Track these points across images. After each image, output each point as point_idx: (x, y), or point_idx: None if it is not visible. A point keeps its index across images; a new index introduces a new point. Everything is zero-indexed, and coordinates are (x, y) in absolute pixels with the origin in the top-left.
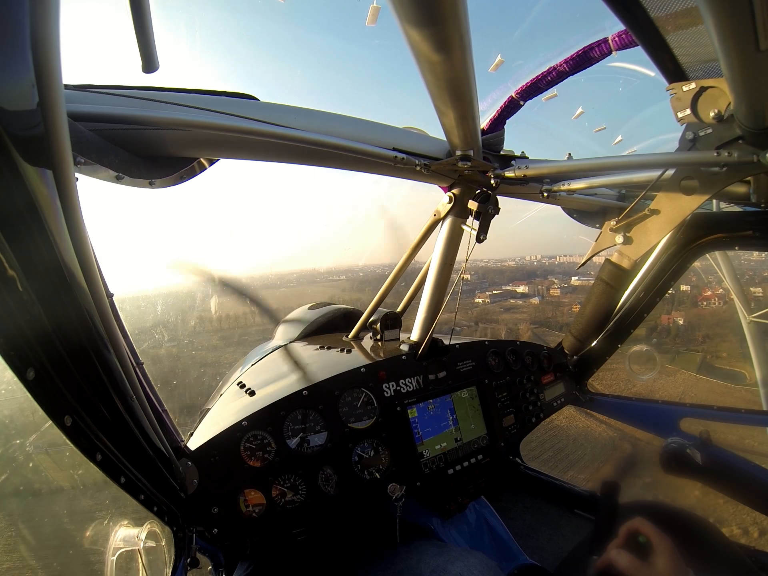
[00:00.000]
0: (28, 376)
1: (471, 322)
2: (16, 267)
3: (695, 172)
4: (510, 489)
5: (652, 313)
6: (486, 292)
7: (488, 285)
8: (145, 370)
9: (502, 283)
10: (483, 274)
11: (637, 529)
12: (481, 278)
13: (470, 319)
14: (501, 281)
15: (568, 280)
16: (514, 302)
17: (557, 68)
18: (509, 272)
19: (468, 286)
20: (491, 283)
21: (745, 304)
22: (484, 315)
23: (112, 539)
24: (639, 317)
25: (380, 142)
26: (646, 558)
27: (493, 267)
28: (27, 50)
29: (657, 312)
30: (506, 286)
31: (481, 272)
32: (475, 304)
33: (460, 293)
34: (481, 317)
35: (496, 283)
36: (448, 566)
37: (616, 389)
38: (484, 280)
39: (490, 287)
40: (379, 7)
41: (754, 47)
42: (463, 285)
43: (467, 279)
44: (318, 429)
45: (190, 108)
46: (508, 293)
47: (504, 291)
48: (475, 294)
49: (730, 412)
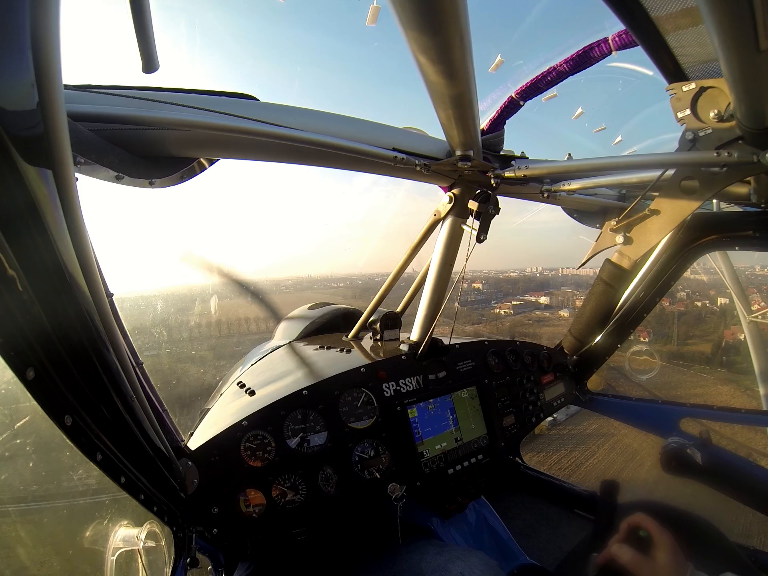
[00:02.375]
0: (28, 376)
1: (506, 337)
2: (16, 267)
3: (695, 173)
4: (510, 489)
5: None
6: (505, 303)
7: (503, 295)
8: (145, 370)
9: (517, 293)
10: (494, 284)
11: (638, 524)
12: (493, 288)
13: (502, 332)
14: (515, 291)
15: (586, 291)
16: (541, 314)
17: (557, 68)
18: (522, 282)
19: (482, 296)
20: (506, 293)
21: (745, 304)
22: (517, 328)
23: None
24: (639, 317)
25: (380, 142)
26: (647, 552)
27: (504, 277)
28: (27, 50)
29: (717, 326)
30: (525, 297)
31: (492, 281)
32: (497, 315)
33: (460, 294)
34: (515, 330)
35: (511, 293)
36: (449, 565)
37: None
38: (498, 290)
39: (507, 297)
40: (380, 7)
41: (754, 47)
42: (476, 294)
43: (479, 288)
44: (318, 429)
45: (190, 108)
46: (531, 304)
47: (526, 302)
48: (491, 304)
49: (730, 412)
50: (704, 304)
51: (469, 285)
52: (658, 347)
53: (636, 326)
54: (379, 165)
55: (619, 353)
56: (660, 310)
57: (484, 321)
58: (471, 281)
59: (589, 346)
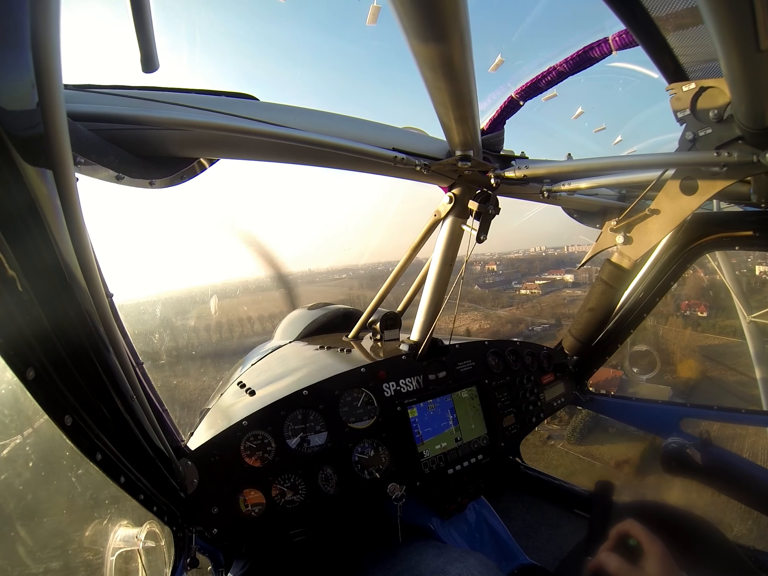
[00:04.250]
0: (28, 376)
1: (549, 321)
2: (16, 267)
3: (695, 172)
4: (510, 489)
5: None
6: (528, 283)
7: (521, 275)
8: (145, 370)
9: (535, 272)
10: (508, 264)
11: (627, 531)
12: (509, 268)
13: (544, 315)
14: (533, 270)
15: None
16: (572, 292)
17: (557, 68)
18: (538, 261)
19: (501, 277)
20: (523, 273)
21: (745, 304)
22: (558, 309)
23: (112, 539)
24: (639, 317)
25: (380, 142)
26: (636, 561)
27: (519, 257)
28: (27, 50)
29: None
30: (547, 276)
31: (506, 262)
32: (527, 297)
33: (459, 294)
34: (557, 312)
35: (528, 273)
36: (447, 567)
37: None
38: (516, 270)
39: (527, 277)
40: (380, 6)
41: (754, 47)
42: (494, 276)
43: (494, 270)
44: (318, 429)
45: (190, 108)
46: (558, 283)
47: (551, 281)
48: (513, 285)
49: (730, 412)
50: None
51: (482, 267)
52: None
53: (636, 326)
54: (379, 165)
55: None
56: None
57: (515, 303)
58: (484, 263)
59: (590, 346)
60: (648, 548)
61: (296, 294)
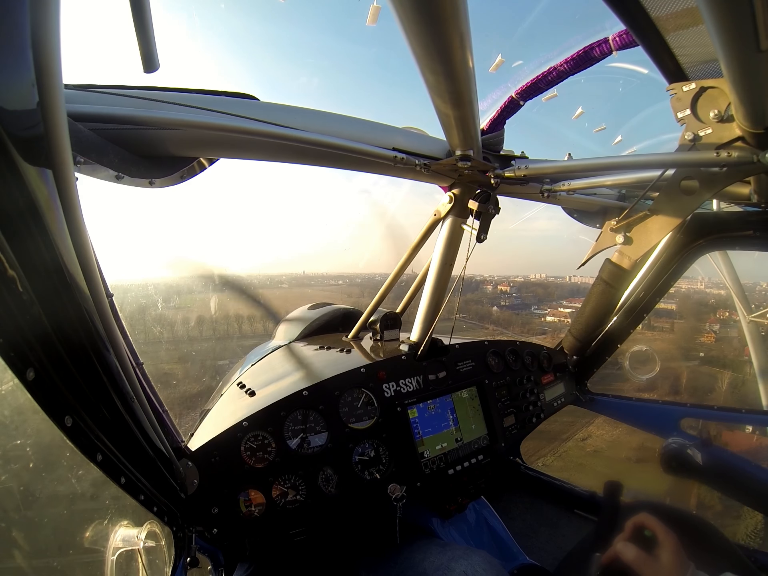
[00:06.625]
0: (28, 376)
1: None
2: (16, 267)
3: (695, 172)
4: (510, 489)
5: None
6: (551, 309)
7: (538, 300)
8: (145, 371)
9: (552, 299)
10: (522, 287)
11: (643, 523)
12: (522, 291)
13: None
14: (549, 297)
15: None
16: None
17: (557, 68)
18: (553, 288)
19: (518, 300)
20: (540, 298)
21: (745, 304)
22: None
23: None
24: (639, 317)
25: (380, 142)
26: (651, 551)
27: (535, 281)
28: (27, 50)
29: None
30: (570, 303)
31: (519, 285)
32: (557, 325)
33: (460, 294)
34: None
35: (545, 299)
36: (451, 564)
37: None
38: (533, 294)
39: (545, 303)
40: (380, 6)
41: (754, 47)
42: (507, 298)
43: (506, 291)
44: (318, 429)
45: (190, 108)
46: None
47: (575, 309)
48: (532, 310)
49: (730, 412)
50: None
51: (493, 287)
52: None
53: (636, 326)
54: (379, 165)
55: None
56: None
57: (549, 332)
58: (496, 284)
59: (589, 346)
60: (662, 539)
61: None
